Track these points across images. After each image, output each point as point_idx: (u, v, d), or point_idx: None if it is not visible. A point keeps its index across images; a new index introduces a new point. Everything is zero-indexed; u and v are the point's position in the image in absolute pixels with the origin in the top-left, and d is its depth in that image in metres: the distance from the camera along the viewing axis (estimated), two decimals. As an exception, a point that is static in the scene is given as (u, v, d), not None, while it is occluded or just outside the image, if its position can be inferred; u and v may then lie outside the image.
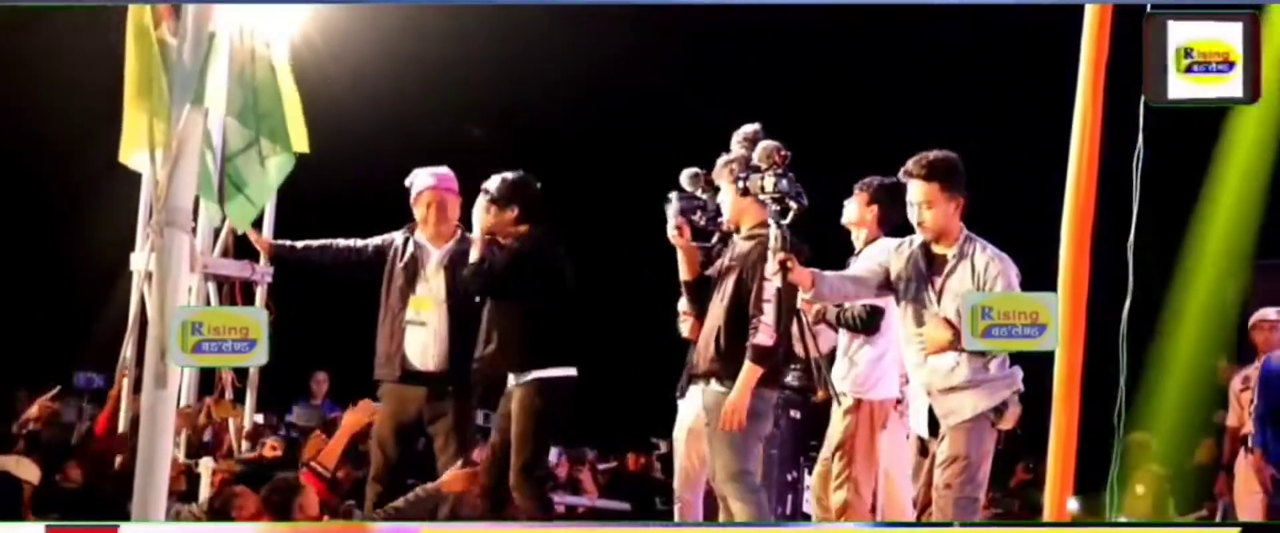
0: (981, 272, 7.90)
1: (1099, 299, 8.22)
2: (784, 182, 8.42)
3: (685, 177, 9.21)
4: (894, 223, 9.19)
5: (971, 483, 7.96)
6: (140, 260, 10.87)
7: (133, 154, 10.05)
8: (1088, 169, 6.14)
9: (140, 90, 9.69)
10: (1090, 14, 5.96)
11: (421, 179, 10.30)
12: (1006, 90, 15.93)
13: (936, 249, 8.27)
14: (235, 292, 12.24)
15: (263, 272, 11.79)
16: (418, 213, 10.29)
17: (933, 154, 8.12)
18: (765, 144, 8.66)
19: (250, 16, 10.72)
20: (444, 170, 10.40)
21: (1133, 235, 7.74)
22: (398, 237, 10.33)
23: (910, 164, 8.23)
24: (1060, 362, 6.11)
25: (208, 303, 12.21)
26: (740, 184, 8.71)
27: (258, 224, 11.56)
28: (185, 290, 9.36)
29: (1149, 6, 6.23)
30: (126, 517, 8.43)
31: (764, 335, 8.59)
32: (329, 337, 15.67)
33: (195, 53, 9.33)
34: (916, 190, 8.22)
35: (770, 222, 8.42)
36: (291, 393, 16.23)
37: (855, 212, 9.52)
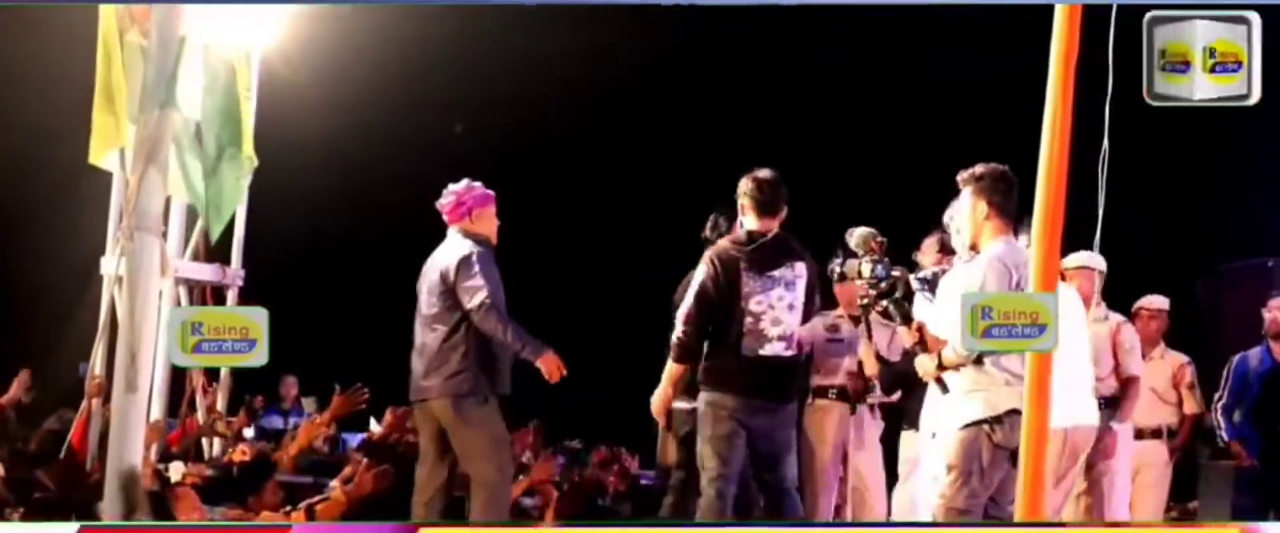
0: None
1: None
2: (880, 267, 8.43)
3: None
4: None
5: (961, 495, 7.83)
6: (110, 265, 10.83)
7: (103, 155, 10.02)
8: (1057, 171, 6.14)
9: (110, 92, 9.68)
10: (1059, 14, 5.96)
11: (480, 189, 10.02)
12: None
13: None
14: (206, 296, 12.23)
15: (234, 276, 11.78)
16: (490, 222, 9.86)
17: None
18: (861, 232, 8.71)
19: (220, 20, 10.69)
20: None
21: (1098, 236, 7.78)
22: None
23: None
24: (1030, 362, 6.12)
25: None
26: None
27: (228, 230, 11.54)
28: (156, 295, 9.35)
29: (1115, 7, 6.26)
30: (96, 518, 8.42)
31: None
32: (299, 342, 15.66)
33: (165, 56, 9.33)
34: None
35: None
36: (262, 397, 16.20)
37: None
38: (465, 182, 9.77)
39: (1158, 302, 11.33)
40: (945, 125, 15.32)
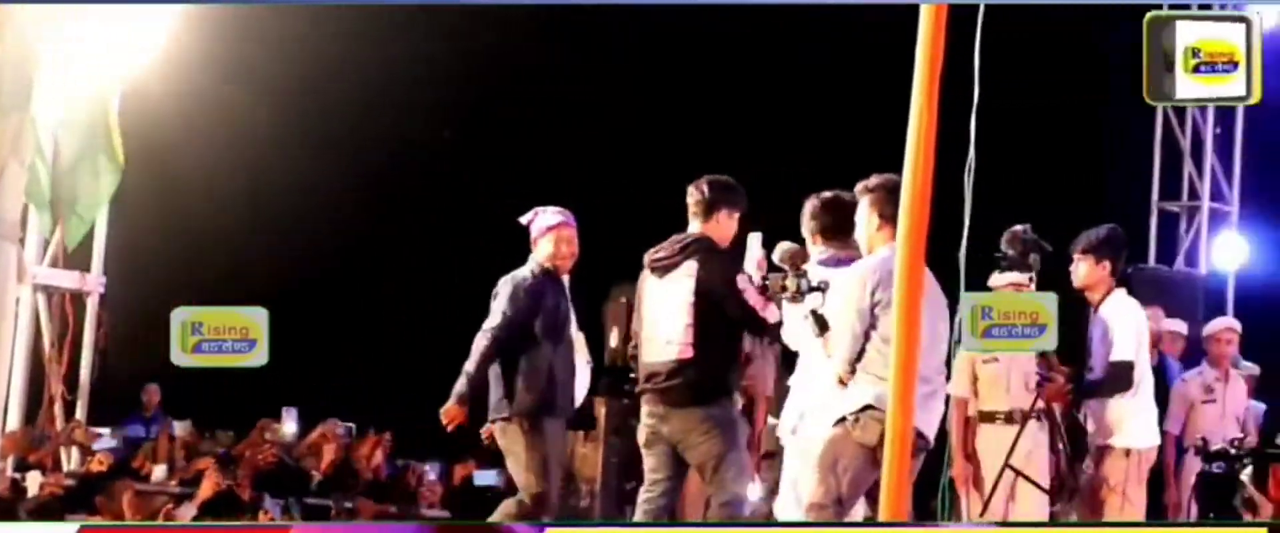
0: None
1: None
2: (803, 281, 8.48)
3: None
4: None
5: (820, 490, 7.90)
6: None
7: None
8: (923, 176, 6.13)
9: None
10: (925, 14, 5.95)
11: (549, 216, 9.88)
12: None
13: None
14: (66, 303, 12.07)
15: (95, 282, 11.63)
16: (547, 248, 9.80)
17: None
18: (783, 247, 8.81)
19: (80, 26, 10.54)
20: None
21: (965, 243, 7.81)
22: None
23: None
24: (894, 364, 6.12)
25: (36, 315, 12.05)
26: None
27: (87, 239, 11.39)
28: (12, 301, 9.21)
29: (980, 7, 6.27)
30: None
31: None
32: (163, 349, 15.49)
33: (22, 61, 9.20)
34: None
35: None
36: (124, 406, 16.00)
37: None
38: (534, 210, 9.81)
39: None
40: (848, 131, 15.35)
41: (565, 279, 9.82)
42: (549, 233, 9.73)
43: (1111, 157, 17.41)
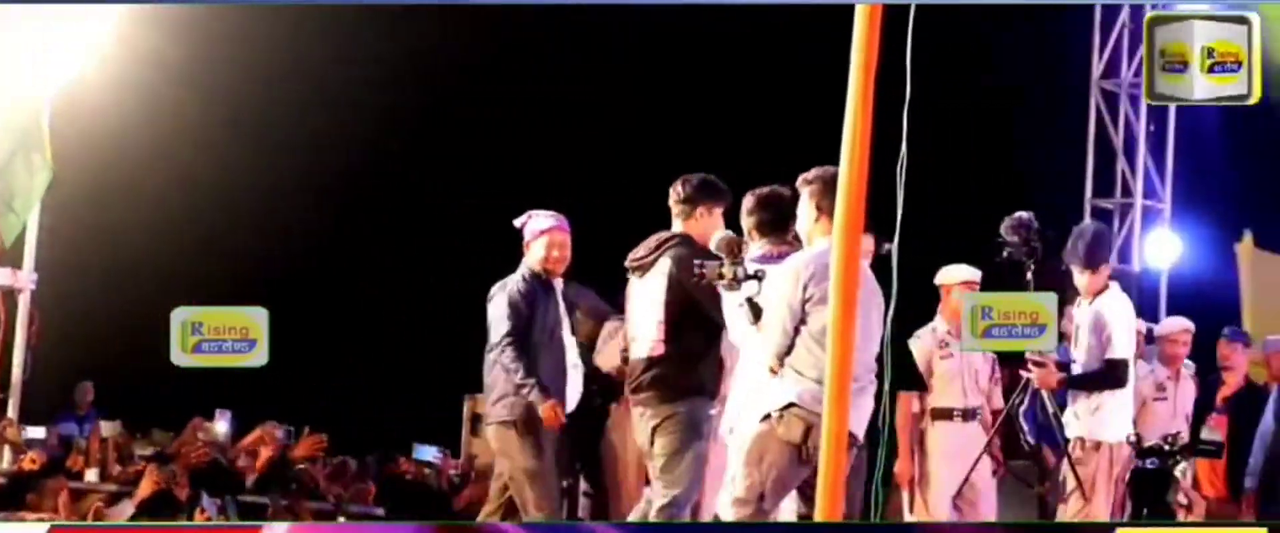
0: None
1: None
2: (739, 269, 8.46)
3: None
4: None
5: (742, 486, 7.88)
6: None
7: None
8: (858, 174, 6.14)
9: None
10: (860, 14, 5.96)
11: (542, 220, 9.89)
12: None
13: None
14: (-3, 300, 11.98)
15: (26, 280, 11.55)
16: (539, 252, 9.80)
17: None
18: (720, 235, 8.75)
19: (13, 24, 10.50)
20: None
21: (897, 240, 7.83)
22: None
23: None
24: (831, 365, 6.13)
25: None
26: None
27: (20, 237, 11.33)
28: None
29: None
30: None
31: None
32: (95, 346, 15.42)
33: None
34: None
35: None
36: (56, 403, 15.91)
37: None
38: (528, 213, 9.83)
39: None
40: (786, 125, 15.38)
41: (557, 283, 9.84)
42: (542, 236, 9.76)
43: (1046, 153, 17.49)
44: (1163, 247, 17.62)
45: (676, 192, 9.18)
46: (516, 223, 9.81)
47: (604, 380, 10.07)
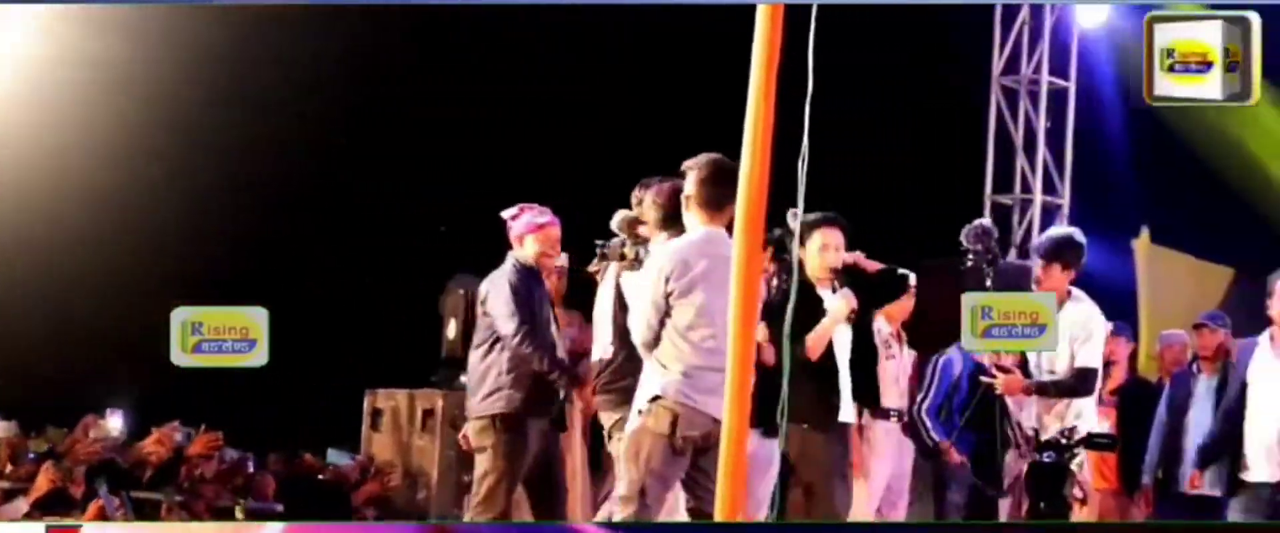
0: None
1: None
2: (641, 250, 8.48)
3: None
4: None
5: (623, 482, 7.90)
6: None
7: None
8: (759, 175, 6.12)
9: None
10: (762, 14, 5.95)
11: (536, 215, 9.84)
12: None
13: None
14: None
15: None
16: (532, 247, 9.76)
17: None
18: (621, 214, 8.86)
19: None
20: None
21: (797, 238, 7.84)
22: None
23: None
24: (731, 365, 6.11)
25: None
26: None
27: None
28: None
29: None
30: None
31: None
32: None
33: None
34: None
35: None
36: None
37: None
38: (519, 206, 9.76)
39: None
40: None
41: (546, 278, 9.81)
42: (536, 231, 9.71)
43: (945, 149, 17.56)
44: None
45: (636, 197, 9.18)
46: (505, 215, 9.74)
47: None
